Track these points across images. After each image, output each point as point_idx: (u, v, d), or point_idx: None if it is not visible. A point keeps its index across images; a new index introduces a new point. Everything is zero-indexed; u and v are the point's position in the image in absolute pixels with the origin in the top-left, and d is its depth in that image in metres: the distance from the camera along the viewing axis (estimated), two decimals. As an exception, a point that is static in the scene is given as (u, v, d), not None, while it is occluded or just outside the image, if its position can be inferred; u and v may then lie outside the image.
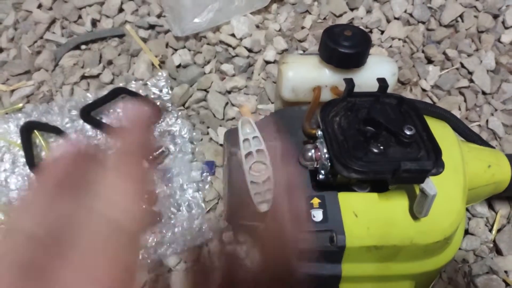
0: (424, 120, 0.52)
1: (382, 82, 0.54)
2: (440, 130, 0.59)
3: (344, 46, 0.59)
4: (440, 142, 0.50)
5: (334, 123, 0.52)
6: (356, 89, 0.56)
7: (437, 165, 0.48)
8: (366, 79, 0.62)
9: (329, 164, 0.51)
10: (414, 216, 0.52)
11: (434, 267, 0.55)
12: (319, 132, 0.53)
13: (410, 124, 0.50)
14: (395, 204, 0.53)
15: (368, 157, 0.49)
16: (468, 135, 0.71)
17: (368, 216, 0.52)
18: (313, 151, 0.53)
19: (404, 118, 0.52)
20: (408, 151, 0.50)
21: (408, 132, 0.49)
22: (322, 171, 0.53)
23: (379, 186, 0.54)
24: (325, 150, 0.52)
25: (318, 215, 0.52)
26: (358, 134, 0.51)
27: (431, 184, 0.48)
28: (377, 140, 0.50)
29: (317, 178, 0.54)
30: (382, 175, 0.48)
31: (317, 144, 0.54)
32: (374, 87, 0.56)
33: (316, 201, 0.52)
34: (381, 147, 0.50)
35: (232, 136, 0.62)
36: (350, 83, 0.54)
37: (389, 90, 0.57)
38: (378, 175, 0.48)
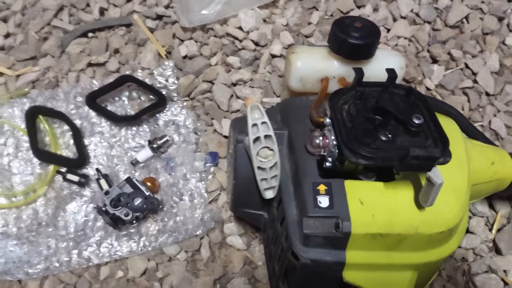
0: (432, 111, 0.53)
1: (391, 72, 0.55)
2: (446, 126, 0.59)
3: (353, 37, 0.60)
4: (445, 137, 0.51)
5: (343, 111, 0.53)
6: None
7: (445, 154, 0.48)
8: (374, 71, 0.62)
9: (337, 151, 0.51)
10: (420, 206, 0.52)
11: (437, 258, 0.56)
12: (327, 120, 0.54)
13: (418, 114, 0.51)
14: (401, 193, 0.53)
15: (376, 144, 0.49)
16: (472, 133, 0.72)
17: (373, 204, 0.52)
18: (320, 138, 0.54)
19: (412, 108, 0.53)
20: (416, 140, 0.50)
21: (416, 121, 0.50)
22: (329, 158, 0.53)
23: (385, 175, 0.55)
24: (332, 137, 0.52)
25: (324, 201, 0.52)
26: (366, 122, 0.52)
27: (438, 173, 0.48)
28: (385, 128, 0.51)
29: (324, 166, 0.54)
30: (389, 161, 0.49)
31: (324, 131, 0.54)
32: (381, 80, 0.56)
33: (322, 187, 0.53)
34: (389, 135, 0.50)
35: (239, 124, 0.63)
36: (359, 72, 0.55)
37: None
38: (386, 162, 0.49)
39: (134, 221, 0.74)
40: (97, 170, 0.78)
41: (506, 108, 0.87)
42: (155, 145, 0.79)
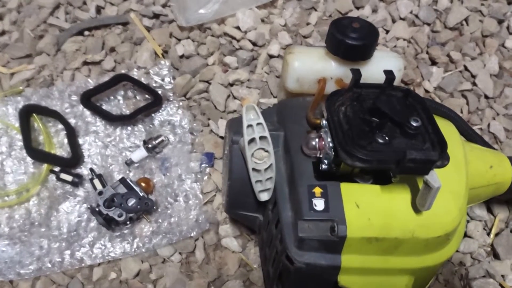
0: (430, 113, 0.52)
1: (389, 74, 0.54)
2: (444, 128, 0.59)
3: (351, 38, 0.59)
4: (443, 140, 0.50)
5: (339, 112, 0.52)
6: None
7: (443, 157, 0.48)
8: (372, 73, 0.61)
9: (333, 153, 0.51)
10: (416, 210, 0.52)
11: (434, 263, 0.55)
12: (324, 122, 0.53)
13: (416, 117, 0.50)
14: (398, 197, 0.53)
15: (372, 146, 0.49)
16: (470, 136, 0.71)
17: (370, 207, 0.52)
18: (317, 140, 0.53)
19: (410, 110, 0.52)
20: (413, 142, 0.49)
21: (414, 124, 0.49)
22: (325, 161, 0.52)
23: (381, 179, 0.54)
24: (329, 139, 0.51)
25: (319, 204, 0.51)
26: (363, 123, 0.51)
27: (435, 176, 0.48)
28: (382, 130, 0.50)
29: (320, 168, 0.53)
30: (386, 164, 0.48)
31: (321, 133, 0.53)
32: (379, 81, 0.55)
33: (318, 190, 0.52)
34: (386, 138, 0.49)
35: (234, 124, 0.62)
36: (357, 73, 0.54)
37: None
38: (382, 165, 0.48)
39: (128, 222, 0.74)
40: (91, 170, 0.77)
41: (505, 111, 0.86)
42: (150, 145, 0.78)
